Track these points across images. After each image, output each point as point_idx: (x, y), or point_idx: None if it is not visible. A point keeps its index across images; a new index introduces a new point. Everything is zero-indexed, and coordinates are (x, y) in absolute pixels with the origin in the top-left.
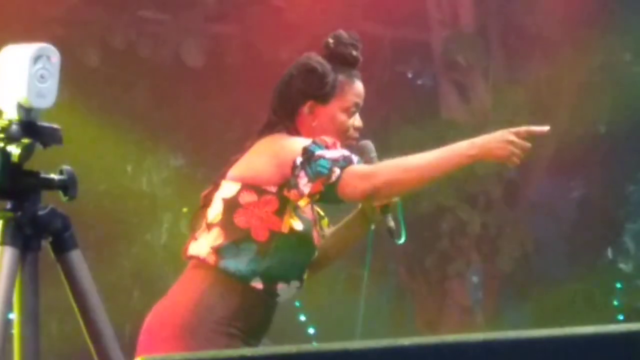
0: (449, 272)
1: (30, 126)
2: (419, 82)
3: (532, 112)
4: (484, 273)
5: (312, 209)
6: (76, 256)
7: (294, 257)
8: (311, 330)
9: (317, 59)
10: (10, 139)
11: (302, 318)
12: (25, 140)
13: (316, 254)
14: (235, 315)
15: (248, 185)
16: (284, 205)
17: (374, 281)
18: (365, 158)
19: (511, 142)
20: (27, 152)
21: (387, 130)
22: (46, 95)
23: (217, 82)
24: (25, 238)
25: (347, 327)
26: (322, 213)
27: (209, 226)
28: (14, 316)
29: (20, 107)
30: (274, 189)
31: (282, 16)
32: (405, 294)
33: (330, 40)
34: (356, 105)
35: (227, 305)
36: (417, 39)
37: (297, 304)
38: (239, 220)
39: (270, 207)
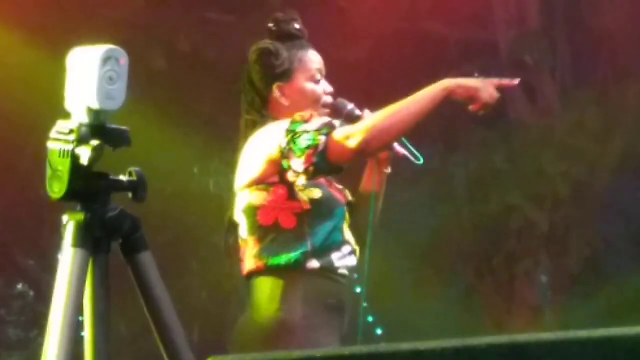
0: (517, 272)
1: (99, 128)
2: None
3: (599, 110)
4: (553, 272)
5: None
6: (146, 257)
7: (328, 221)
8: (379, 331)
9: (265, 42)
10: (80, 141)
11: (370, 319)
12: (95, 142)
13: (345, 210)
14: (308, 305)
15: (254, 187)
16: (293, 188)
17: (442, 281)
18: (344, 113)
19: (483, 83)
20: (96, 154)
21: (454, 130)
22: (115, 97)
23: None
24: (96, 240)
25: (414, 327)
26: (339, 186)
27: (245, 242)
28: (83, 318)
29: (89, 109)
30: (277, 179)
31: (346, 17)
32: (473, 293)
33: (270, 24)
34: (319, 71)
35: (297, 299)
36: (483, 38)
37: (364, 304)
38: (263, 219)
39: (282, 195)
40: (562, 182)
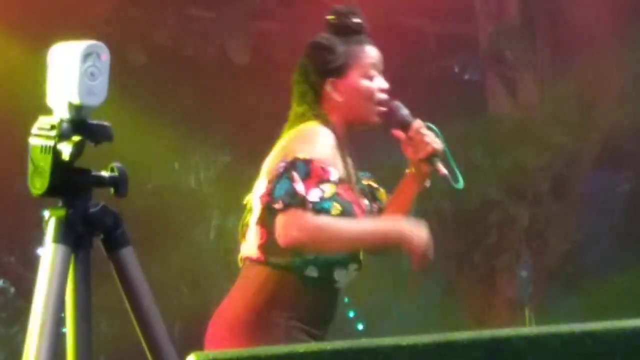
0: (498, 267)
1: (80, 124)
2: (466, 76)
3: (579, 105)
4: (533, 267)
5: (353, 189)
6: (128, 253)
7: None
8: (360, 326)
9: (321, 36)
10: (61, 137)
11: (351, 314)
12: (76, 138)
13: None
14: (292, 307)
15: None
16: None
17: (422, 276)
18: (398, 117)
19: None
20: (77, 149)
21: (434, 125)
22: (96, 93)
23: (263, 78)
24: (77, 236)
25: (395, 323)
26: (375, 185)
27: (254, 227)
28: (64, 314)
29: (70, 105)
30: None
31: (327, 12)
32: (454, 288)
33: (330, 17)
34: (374, 67)
35: (283, 298)
36: (463, 33)
37: (345, 300)
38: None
39: None
40: (542, 177)
